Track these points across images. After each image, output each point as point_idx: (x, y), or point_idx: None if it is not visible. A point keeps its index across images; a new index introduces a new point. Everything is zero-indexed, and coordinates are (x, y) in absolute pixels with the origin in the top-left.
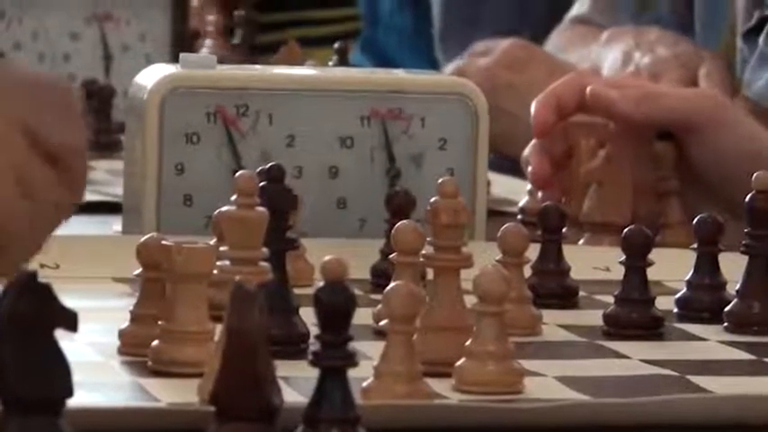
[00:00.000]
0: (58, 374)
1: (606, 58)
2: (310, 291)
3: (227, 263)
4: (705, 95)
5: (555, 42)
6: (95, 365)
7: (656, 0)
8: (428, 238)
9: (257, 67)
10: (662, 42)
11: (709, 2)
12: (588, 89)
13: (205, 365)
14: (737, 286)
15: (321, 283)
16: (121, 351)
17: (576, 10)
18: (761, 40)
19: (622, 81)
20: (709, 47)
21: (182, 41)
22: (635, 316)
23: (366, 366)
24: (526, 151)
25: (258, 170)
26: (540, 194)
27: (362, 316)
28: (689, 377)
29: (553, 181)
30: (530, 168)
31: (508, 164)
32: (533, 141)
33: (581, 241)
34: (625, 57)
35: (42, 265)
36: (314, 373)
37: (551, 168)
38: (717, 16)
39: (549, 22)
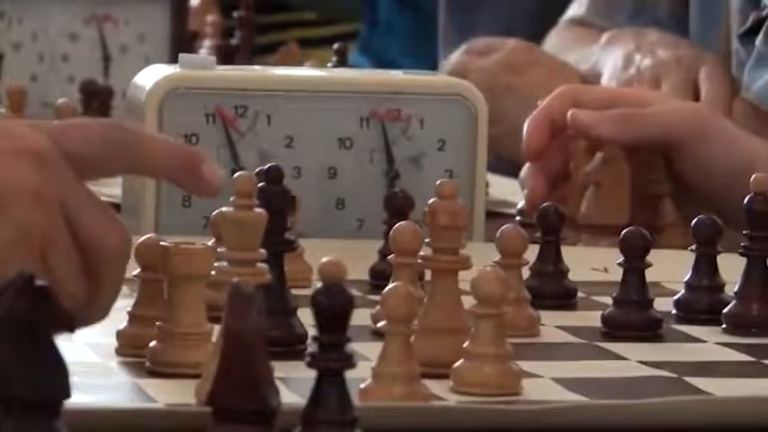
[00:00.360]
0: (56, 375)
1: (606, 61)
2: (308, 292)
3: (225, 264)
4: (686, 111)
5: (552, 44)
6: (93, 366)
7: (654, 0)
8: (426, 240)
9: (256, 67)
10: (662, 45)
11: (704, 4)
12: (569, 115)
13: (203, 367)
14: (736, 288)
15: (319, 285)
16: (119, 352)
17: (572, 11)
18: (758, 41)
19: (617, 92)
20: (707, 49)
21: (181, 42)
22: (633, 317)
23: (364, 367)
24: (522, 173)
25: (256, 171)
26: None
27: (361, 317)
28: (687, 379)
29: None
30: (525, 192)
31: (506, 165)
32: (528, 164)
33: (579, 243)
34: (626, 59)
35: None
36: (312, 374)
37: (548, 189)
38: (712, 18)
39: (541, 21)
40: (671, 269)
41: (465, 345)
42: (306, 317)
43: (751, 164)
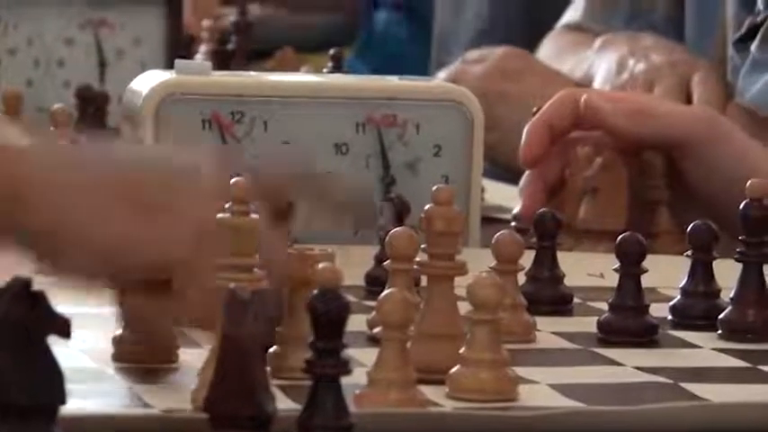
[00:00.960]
0: (52, 381)
1: (600, 66)
2: None
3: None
4: (698, 116)
5: (547, 49)
6: (89, 372)
7: (650, 2)
8: (422, 245)
9: (252, 73)
10: (656, 49)
11: (699, 10)
12: (582, 99)
13: (200, 372)
14: (731, 294)
15: (315, 291)
16: (115, 358)
17: (568, 16)
18: (753, 47)
19: (615, 97)
20: (701, 54)
21: (176, 47)
22: (629, 323)
23: (360, 373)
24: (522, 182)
25: None
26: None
27: (356, 323)
28: (683, 384)
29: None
30: (520, 203)
31: (502, 171)
32: (527, 172)
33: (577, 248)
34: (619, 64)
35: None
36: (308, 380)
37: (545, 197)
38: (707, 24)
39: (524, 24)
40: (667, 275)
41: (461, 351)
42: None
43: (754, 170)
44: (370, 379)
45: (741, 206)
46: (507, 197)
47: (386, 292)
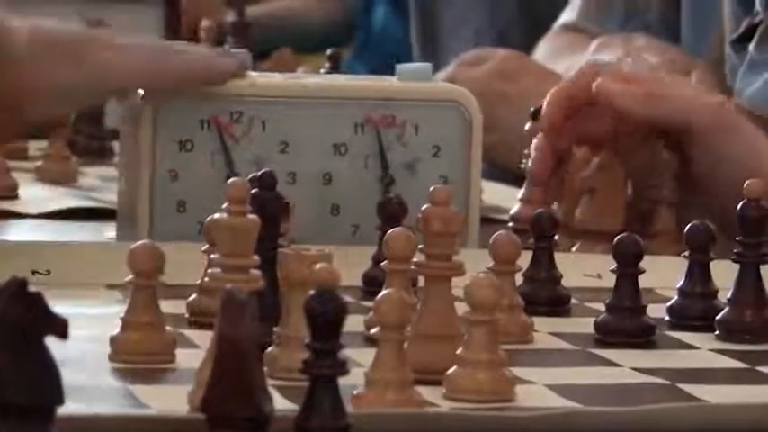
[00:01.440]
0: (50, 381)
1: None
2: None
3: (219, 270)
4: (709, 98)
5: (543, 50)
6: (86, 372)
7: (645, 3)
8: (420, 246)
9: (251, 73)
10: (649, 50)
11: (695, 10)
12: (595, 84)
13: (196, 373)
14: (729, 294)
15: (312, 292)
16: (113, 358)
17: (566, 16)
18: (751, 47)
19: (628, 76)
20: (698, 54)
21: None
22: (626, 324)
23: (357, 374)
24: (533, 145)
25: (250, 177)
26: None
27: (354, 323)
28: (680, 385)
29: (548, 181)
30: (531, 162)
31: (500, 172)
32: (540, 134)
33: (573, 248)
34: None
35: (34, 272)
36: (305, 380)
37: (553, 164)
38: (703, 25)
39: (519, 21)
40: (664, 275)
41: (458, 351)
42: None
43: (762, 163)
44: (368, 379)
45: (739, 207)
46: (505, 198)
47: (383, 292)
